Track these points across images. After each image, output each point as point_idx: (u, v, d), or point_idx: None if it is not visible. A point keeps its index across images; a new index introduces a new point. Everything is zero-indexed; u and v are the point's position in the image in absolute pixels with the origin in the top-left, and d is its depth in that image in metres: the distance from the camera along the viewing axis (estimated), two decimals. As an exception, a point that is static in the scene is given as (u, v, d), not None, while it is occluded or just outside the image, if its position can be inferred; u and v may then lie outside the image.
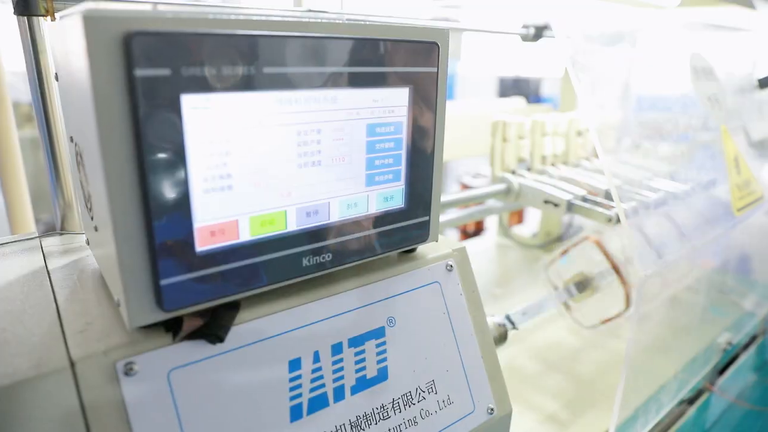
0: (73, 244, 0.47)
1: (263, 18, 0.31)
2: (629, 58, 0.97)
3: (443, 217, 0.83)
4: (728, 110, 0.73)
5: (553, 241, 1.34)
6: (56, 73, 0.40)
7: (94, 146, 0.28)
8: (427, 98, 0.40)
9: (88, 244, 0.44)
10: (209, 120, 0.29)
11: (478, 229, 2.58)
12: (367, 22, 0.36)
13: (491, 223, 2.34)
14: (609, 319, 0.78)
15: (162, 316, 0.31)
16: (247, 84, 0.30)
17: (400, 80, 0.38)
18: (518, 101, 1.35)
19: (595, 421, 0.71)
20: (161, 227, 0.29)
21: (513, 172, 0.83)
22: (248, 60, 0.30)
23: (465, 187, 2.73)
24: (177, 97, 0.28)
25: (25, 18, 0.45)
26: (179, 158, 0.29)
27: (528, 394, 0.77)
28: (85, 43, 0.25)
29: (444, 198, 0.76)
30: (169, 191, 0.29)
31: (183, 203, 0.30)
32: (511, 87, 5.17)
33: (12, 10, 0.45)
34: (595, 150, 1.01)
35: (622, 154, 0.92)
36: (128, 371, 0.31)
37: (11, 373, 0.28)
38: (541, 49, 0.92)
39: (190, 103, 0.28)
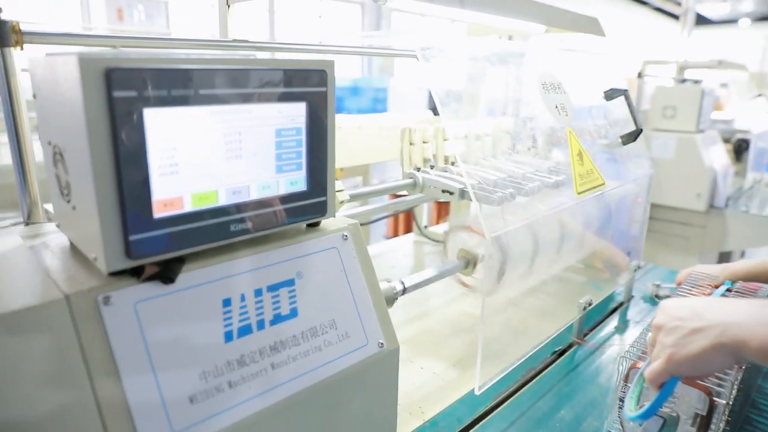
0: (40, 231, 0.59)
1: (198, 56, 0.45)
2: (514, 76, 1.17)
3: (374, 216, 0.99)
4: (572, 115, 0.93)
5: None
6: (34, 93, 0.52)
7: (84, 144, 0.41)
8: (320, 110, 0.55)
9: (58, 227, 0.56)
10: (162, 126, 0.43)
11: (408, 231, 2.77)
12: (275, 52, 0.51)
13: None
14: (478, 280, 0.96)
15: (129, 264, 0.45)
16: (188, 101, 0.44)
17: (299, 97, 0.53)
18: (426, 113, 1.53)
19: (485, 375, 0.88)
20: (130, 200, 0.43)
21: (418, 170, 1.00)
22: (188, 85, 0.44)
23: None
24: (141, 110, 0.42)
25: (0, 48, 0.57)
26: (142, 152, 0.43)
27: (440, 350, 0.94)
28: (80, 75, 0.39)
29: (359, 190, 0.91)
30: (135, 175, 0.43)
31: (145, 183, 0.43)
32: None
33: (-12, 42, 0.56)
34: (492, 150, 1.20)
35: (513, 155, 1.12)
36: (106, 302, 0.44)
37: (24, 302, 0.41)
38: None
39: (149, 114, 0.42)
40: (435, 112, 1.54)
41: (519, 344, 0.94)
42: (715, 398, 0.63)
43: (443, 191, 0.93)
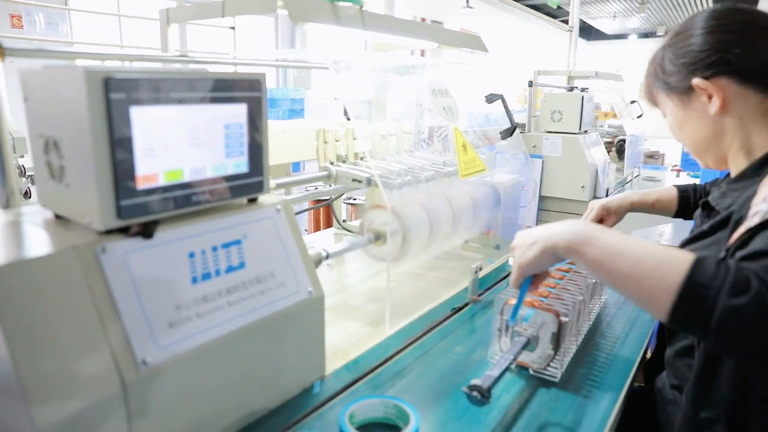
0: (20, 212, 0.71)
1: (168, 69, 0.61)
2: (412, 85, 1.38)
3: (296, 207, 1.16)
4: (457, 115, 1.15)
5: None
6: (24, 96, 0.65)
7: (87, 133, 0.56)
8: (256, 109, 0.72)
9: (43, 206, 0.69)
10: (143, 119, 0.59)
11: (328, 226, 2.94)
12: (225, 65, 0.67)
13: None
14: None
15: (119, 224, 0.60)
16: (161, 101, 0.60)
17: (241, 100, 0.70)
18: (341, 119, 1.73)
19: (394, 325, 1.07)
20: (120, 174, 0.58)
21: (332, 164, 1.19)
22: (162, 90, 0.60)
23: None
24: (128, 107, 0.57)
25: (-14, 61, 0.69)
26: (129, 138, 0.58)
27: (358, 314, 1.12)
28: (86, 82, 0.54)
29: (284, 180, 1.08)
30: (124, 155, 0.58)
31: (131, 162, 0.59)
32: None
33: (-23, 56, 0.69)
34: (398, 147, 1.41)
35: (414, 151, 1.32)
36: (103, 251, 0.59)
37: (41, 252, 0.55)
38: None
39: (134, 110, 0.58)
40: (349, 118, 1.73)
41: (424, 305, 1.15)
42: (562, 318, 0.86)
43: (353, 180, 1.12)
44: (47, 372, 0.52)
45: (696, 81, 0.81)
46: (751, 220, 0.68)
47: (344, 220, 1.77)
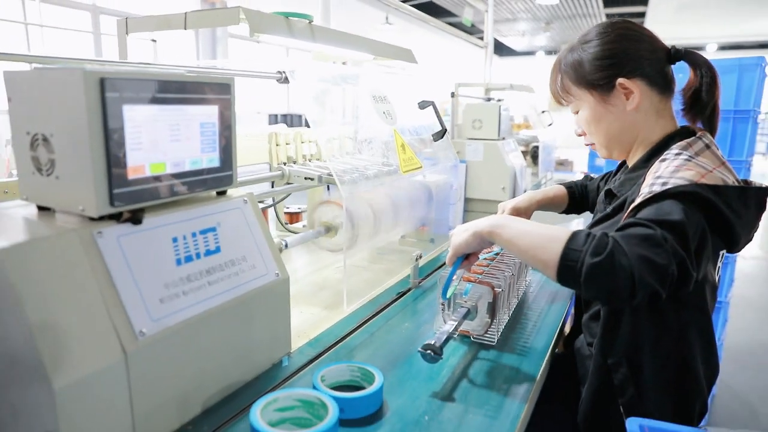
0: (3, 207, 0.75)
1: (155, 72, 0.68)
2: (351, 93, 1.50)
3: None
4: (397, 118, 1.28)
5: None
6: (9, 97, 0.70)
7: (84, 128, 0.62)
8: (226, 110, 0.80)
9: (26, 199, 0.73)
10: (133, 116, 0.66)
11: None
12: (198, 75, 0.75)
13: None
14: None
15: (111, 210, 0.66)
16: (148, 101, 0.68)
17: (213, 102, 0.78)
18: (282, 126, 1.81)
19: (341, 313, 1.17)
20: (113, 165, 0.65)
21: (284, 164, 1.27)
22: (148, 90, 0.67)
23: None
24: (121, 106, 0.64)
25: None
26: (121, 134, 0.65)
27: (313, 300, 1.20)
28: (84, 82, 0.61)
29: (242, 178, 1.15)
30: (117, 148, 0.65)
31: (123, 155, 0.66)
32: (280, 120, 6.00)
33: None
34: (340, 150, 1.51)
35: (360, 153, 1.43)
36: (99, 235, 0.65)
37: (45, 233, 0.61)
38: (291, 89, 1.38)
39: (126, 108, 0.65)
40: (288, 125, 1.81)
41: (372, 290, 1.25)
42: (496, 289, 1.00)
43: (306, 178, 1.21)
44: (60, 341, 0.57)
45: (621, 80, 0.98)
46: (636, 203, 0.85)
47: (286, 223, 1.84)
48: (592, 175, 1.52)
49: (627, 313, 0.91)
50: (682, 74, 1.04)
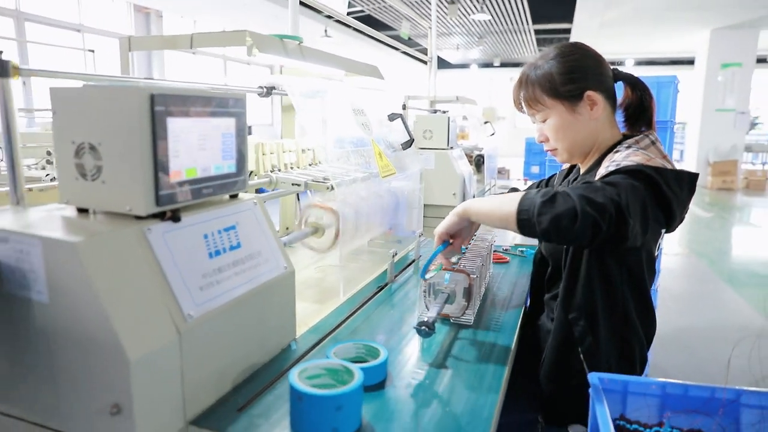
0: (47, 209, 0.82)
1: (190, 89, 0.78)
2: (324, 106, 1.62)
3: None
4: (374, 130, 1.41)
5: (287, 233, 1.91)
6: (53, 110, 0.78)
7: (135, 137, 0.71)
8: (241, 122, 0.91)
9: (66, 203, 0.80)
10: (174, 127, 0.76)
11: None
12: (220, 91, 0.86)
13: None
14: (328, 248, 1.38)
15: (157, 209, 0.75)
16: (185, 114, 0.77)
17: (232, 114, 0.88)
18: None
19: (331, 305, 1.28)
20: (159, 170, 0.74)
21: (272, 171, 1.37)
22: (186, 105, 0.77)
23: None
24: (166, 118, 0.74)
25: (2, 79, 0.80)
26: (166, 143, 0.75)
27: (302, 296, 1.30)
28: (138, 98, 0.70)
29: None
30: (162, 155, 0.74)
31: (166, 160, 0.75)
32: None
33: (-5, 78, 0.79)
34: (314, 160, 1.62)
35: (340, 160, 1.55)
36: (148, 231, 0.74)
37: (109, 229, 0.69)
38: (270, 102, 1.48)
39: (170, 120, 0.75)
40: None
41: (354, 286, 1.37)
42: (471, 276, 1.14)
43: (293, 184, 1.32)
44: (130, 322, 0.66)
45: (589, 92, 1.15)
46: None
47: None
48: (532, 182, 1.71)
49: (583, 274, 1.08)
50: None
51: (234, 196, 0.96)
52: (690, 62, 11.28)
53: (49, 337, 0.70)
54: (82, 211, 0.80)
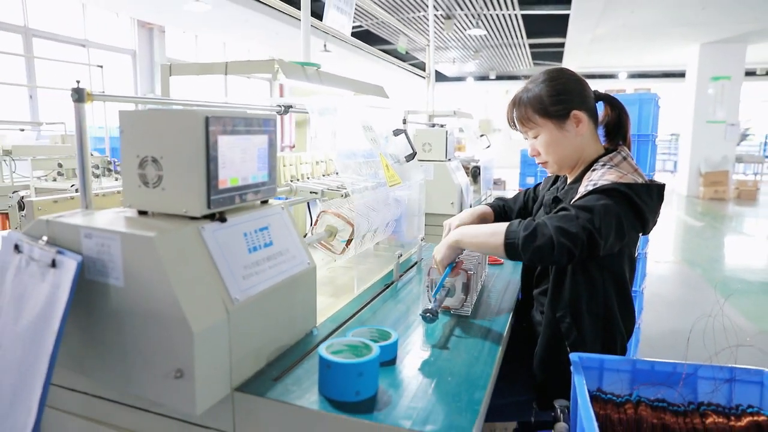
0: (115, 211, 0.97)
1: (233, 111, 0.94)
2: (335, 122, 1.78)
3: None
4: (381, 144, 1.57)
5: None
6: (121, 130, 0.93)
7: (192, 152, 0.87)
8: (273, 139, 1.07)
9: (129, 206, 0.96)
10: (222, 143, 0.92)
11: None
12: (256, 111, 1.02)
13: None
14: (342, 249, 1.53)
15: (208, 211, 0.91)
16: (230, 132, 0.93)
17: (265, 132, 1.04)
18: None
19: (344, 300, 1.43)
20: (211, 178, 0.90)
21: (291, 181, 1.53)
22: (232, 125, 0.93)
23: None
24: (217, 136, 0.90)
25: (78, 104, 0.96)
26: (216, 156, 0.90)
27: (320, 291, 1.46)
28: (196, 119, 0.86)
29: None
30: (213, 167, 0.90)
31: (216, 170, 0.91)
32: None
33: (72, 99, 0.95)
34: (326, 171, 1.79)
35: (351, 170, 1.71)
36: (203, 230, 0.90)
37: (170, 226, 0.85)
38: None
39: (220, 138, 0.91)
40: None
41: (363, 284, 1.53)
42: (469, 272, 1.30)
43: (311, 192, 1.48)
44: (193, 300, 0.82)
45: (575, 112, 1.32)
46: (574, 200, 1.19)
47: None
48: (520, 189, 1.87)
49: (568, 278, 1.23)
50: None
51: (265, 202, 1.12)
52: (681, 75, 11.55)
53: (123, 315, 0.85)
54: (142, 213, 0.95)
